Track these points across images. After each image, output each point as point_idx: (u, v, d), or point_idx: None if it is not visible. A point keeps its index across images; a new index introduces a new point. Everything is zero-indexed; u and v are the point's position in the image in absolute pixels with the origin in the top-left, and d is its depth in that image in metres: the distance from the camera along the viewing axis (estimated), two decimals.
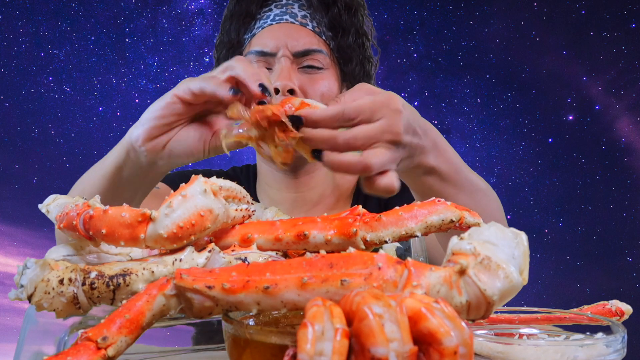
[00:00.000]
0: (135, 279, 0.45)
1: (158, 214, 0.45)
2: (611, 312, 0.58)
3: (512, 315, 0.52)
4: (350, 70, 1.09)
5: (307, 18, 1.06)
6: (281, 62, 1.01)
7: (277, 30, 1.04)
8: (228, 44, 1.10)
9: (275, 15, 1.06)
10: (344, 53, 1.08)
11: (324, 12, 1.07)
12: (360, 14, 1.09)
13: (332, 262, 0.35)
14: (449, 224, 0.49)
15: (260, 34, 1.05)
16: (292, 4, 1.07)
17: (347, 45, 1.07)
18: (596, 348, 0.43)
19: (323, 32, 1.07)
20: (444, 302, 0.30)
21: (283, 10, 1.06)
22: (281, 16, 1.06)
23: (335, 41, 1.07)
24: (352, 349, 0.29)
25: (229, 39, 1.10)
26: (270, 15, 1.06)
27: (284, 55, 1.02)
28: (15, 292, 0.45)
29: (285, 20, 1.05)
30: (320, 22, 1.07)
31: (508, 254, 0.35)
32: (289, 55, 1.02)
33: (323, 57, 1.05)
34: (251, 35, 1.07)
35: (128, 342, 0.37)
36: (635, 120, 3.38)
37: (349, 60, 1.08)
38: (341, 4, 1.06)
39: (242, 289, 0.36)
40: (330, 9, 1.06)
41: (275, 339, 0.36)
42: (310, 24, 1.06)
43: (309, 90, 1.03)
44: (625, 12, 3.30)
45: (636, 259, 3.39)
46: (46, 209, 0.55)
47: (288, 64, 1.02)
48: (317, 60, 1.04)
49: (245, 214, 0.53)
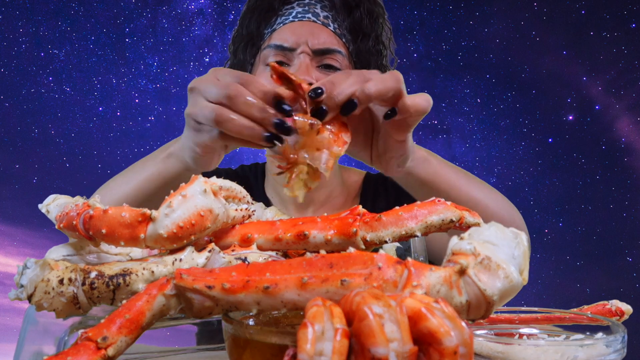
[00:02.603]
0: (135, 279, 0.45)
1: (158, 214, 0.45)
2: (611, 312, 0.58)
3: (512, 315, 0.52)
4: None
5: (329, 19, 1.07)
6: (300, 58, 1.02)
7: (299, 27, 1.05)
8: (247, 37, 1.10)
9: (297, 12, 1.06)
10: (362, 57, 1.08)
11: (345, 15, 1.08)
12: (380, 22, 1.10)
13: (332, 262, 0.35)
14: (449, 224, 0.49)
15: (281, 30, 1.06)
16: (314, 4, 1.08)
17: (366, 50, 1.08)
18: (596, 348, 0.43)
19: (344, 35, 1.07)
20: (444, 302, 0.30)
21: (305, 9, 1.07)
22: (303, 14, 1.06)
23: (355, 45, 1.08)
24: (352, 349, 0.29)
25: (248, 32, 1.10)
26: (293, 12, 1.07)
27: (304, 51, 1.02)
28: (15, 292, 0.45)
29: (307, 18, 1.06)
30: (342, 25, 1.08)
31: (508, 254, 0.35)
32: (309, 52, 1.02)
33: (342, 59, 1.05)
34: (272, 30, 1.07)
35: (128, 342, 0.37)
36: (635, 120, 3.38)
37: (366, 64, 1.09)
38: (364, 9, 1.07)
39: (242, 289, 0.36)
40: (353, 12, 1.07)
41: (275, 339, 0.36)
42: (331, 25, 1.07)
43: None
44: (625, 12, 3.30)
45: (636, 259, 3.39)
46: (46, 209, 0.55)
47: (307, 60, 1.02)
48: (335, 61, 1.04)
49: (245, 214, 0.53)
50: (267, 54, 1.05)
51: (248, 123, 0.64)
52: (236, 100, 0.64)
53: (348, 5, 1.07)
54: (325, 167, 0.60)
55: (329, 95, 0.63)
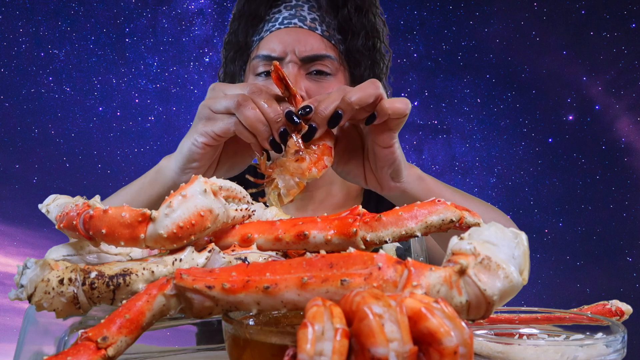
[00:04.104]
0: (135, 279, 0.45)
1: (158, 214, 0.45)
2: (611, 312, 0.58)
3: (512, 315, 0.52)
4: (360, 74, 1.08)
5: (317, 21, 1.05)
6: (288, 68, 1.00)
7: (285, 35, 1.03)
8: (236, 45, 1.09)
9: (284, 18, 1.04)
10: (353, 57, 1.07)
11: (333, 14, 1.06)
12: (371, 13, 1.08)
13: (332, 262, 0.35)
14: (449, 224, 0.49)
15: (268, 38, 1.04)
16: (301, 5, 1.06)
17: (356, 49, 1.06)
18: (596, 348, 0.43)
19: (332, 36, 1.06)
20: (444, 302, 0.30)
21: (292, 12, 1.05)
22: (290, 20, 1.04)
23: (345, 44, 1.06)
24: (352, 349, 0.29)
25: (237, 41, 1.09)
26: (279, 18, 1.05)
27: (292, 60, 1.01)
28: (15, 292, 0.45)
29: (294, 24, 1.04)
30: (330, 25, 1.06)
31: (508, 254, 0.35)
32: (297, 60, 1.01)
33: (332, 63, 1.04)
34: (259, 38, 1.06)
35: (128, 342, 0.37)
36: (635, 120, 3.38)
37: (357, 64, 1.08)
38: (351, 6, 1.05)
39: (242, 289, 0.36)
40: (340, 10, 1.05)
41: (275, 339, 0.36)
42: (319, 28, 1.05)
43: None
44: (625, 12, 3.30)
45: (636, 259, 3.39)
46: (46, 209, 0.55)
47: (295, 69, 1.01)
48: (325, 66, 1.03)
49: (245, 214, 0.53)
50: (256, 65, 1.04)
51: (263, 119, 0.70)
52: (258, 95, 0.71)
53: (335, 3, 1.06)
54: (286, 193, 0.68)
55: (316, 111, 0.70)
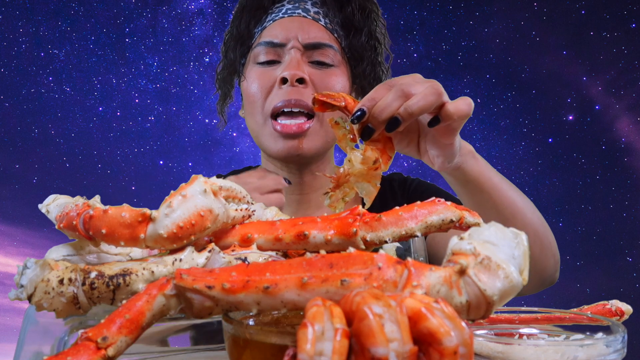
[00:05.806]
0: (135, 279, 0.45)
1: (158, 214, 0.45)
2: (611, 312, 0.58)
3: (512, 315, 0.52)
4: (361, 72, 1.08)
5: (320, 14, 1.06)
6: (291, 53, 1.01)
7: (289, 22, 1.04)
8: (237, 36, 1.09)
9: (287, 9, 1.05)
10: (355, 53, 1.07)
11: (337, 11, 1.06)
12: (373, 17, 1.09)
13: (332, 262, 0.35)
14: (449, 224, 0.49)
15: (271, 26, 1.05)
16: (305, 0, 1.06)
17: (359, 45, 1.06)
18: (596, 348, 0.43)
19: (335, 30, 1.06)
20: (444, 302, 0.30)
21: (295, 5, 1.06)
22: (293, 10, 1.05)
23: (347, 40, 1.06)
24: (352, 349, 0.29)
25: (238, 32, 1.09)
26: (283, 9, 1.06)
27: (294, 46, 1.01)
28: (15, 292, 0.45)
29: (297, 14, 1.04)
30: (333, 20, 1.06)
31: (508, 254, 0.35)
32: (299, 46, 1.01)
33: (334, 53, 1.04)
34: (262, 28, 1.07)
35: (128, 342, 0.37)
36: (635, 120, 3.38)
37: (360, 60, 1.07)
38: (355, 4, 1.06)
39: (242, 289, 0.36)
40: (344, 7, 1.06)
41: (275, 339, 0.36)
42: (322, 20, 1.05)
43: (319, 84, 1.02)
44: (625, 12, 3.30)
45: (636, 259, 3.39)
46: (46, 209, 0.55)
47: (298, 55, 1.01)
48: (327, 56, 1.03)
49: (245, 214, 0.53)
50: (257, 52, 1.04)
51: None
52: None
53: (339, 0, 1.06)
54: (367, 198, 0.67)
55: (372, 115, 0.65)
